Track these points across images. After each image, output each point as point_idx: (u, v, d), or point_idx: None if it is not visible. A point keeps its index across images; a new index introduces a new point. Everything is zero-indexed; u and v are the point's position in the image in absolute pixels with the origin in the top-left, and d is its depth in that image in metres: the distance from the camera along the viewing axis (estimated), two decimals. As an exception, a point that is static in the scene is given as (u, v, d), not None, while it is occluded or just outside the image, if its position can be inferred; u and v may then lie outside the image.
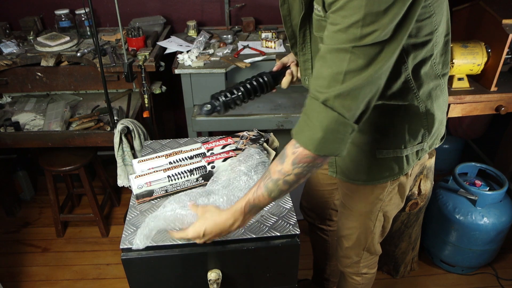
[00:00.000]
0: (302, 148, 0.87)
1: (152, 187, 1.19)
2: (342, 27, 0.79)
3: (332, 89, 0.82)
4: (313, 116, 0.85)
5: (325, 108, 0.83)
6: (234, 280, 1.16)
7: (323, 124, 0.84)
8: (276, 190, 0.93)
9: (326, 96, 0.83)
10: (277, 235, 1.09)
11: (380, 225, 1.36)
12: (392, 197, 1.28)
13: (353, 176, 1.23)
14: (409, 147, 1.14)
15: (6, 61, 2.10)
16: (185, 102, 2.17)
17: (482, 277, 2.18)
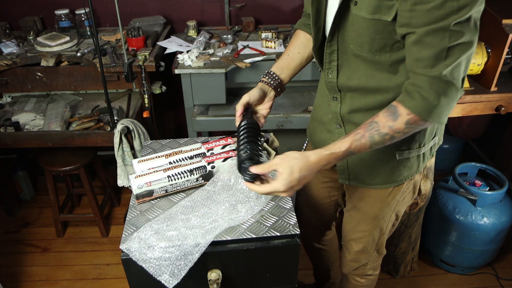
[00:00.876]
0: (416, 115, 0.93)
1: (152, 187, 1.19)
2: (436, 4, 0.81)
3: (437, 67, 0.88)
4: (427, 88, 0.90)
5: (438, 81, 0.89)
6: (234, 280, 1.16)
7: (439, 94, 0.90)
8: (379, 143, 0.97)
9: (434, 74, 0.88)
10: (277, 235, 1.09)
11: (391, 224, 1.37)
12: (406, 196, 1.28)
13: (369, 181, 1.22)
14: (427, 144, 1.16)
15: (6, 61, 2.10)
16: (185, 102, 2.17)
17: (482, 277, 2.18)
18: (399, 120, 0.94)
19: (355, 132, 0.98)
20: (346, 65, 1.07)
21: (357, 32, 0.98)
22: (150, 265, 1.03)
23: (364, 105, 1.10)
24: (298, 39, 1.29)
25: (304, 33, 1.28)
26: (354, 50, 1.02)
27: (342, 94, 1.14)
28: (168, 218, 1.12)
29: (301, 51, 1.27)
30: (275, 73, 1.24)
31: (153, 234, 1.07)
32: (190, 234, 1.06)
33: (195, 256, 1.04)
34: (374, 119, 0.97)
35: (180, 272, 1.03)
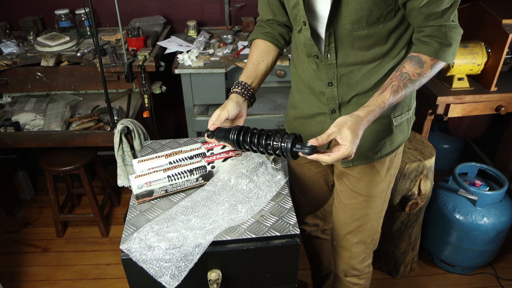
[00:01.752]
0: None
1: (152, 187, 1.19)
2: None
3: (445, 16, 1.01)
4: (441, 35, 1.03)
5: (448, 27, 1.03)
6: (234, 280, 1.16)
7: (451, 37, 1.04)
8: (410, 90, 1.05)
9: (444, 22, 1.02)
10: (277, 235, 1.09)
11: (386, 206, 1.40)
12: (397, 166, 1.35)
13: (373, 155, 1.25)
14: (412, 106, 1.27)
15: (6, 61, 2.10)
16: (185, 102, 2.17)
17: (482, 277, 2.18)
18: (425, 66, 1.04)
19: (390, 85, 1.04)
20: (341, 44, 1.12)
21: (355, 9, 1.03)
22: (150, 266, 1.03)
23: (360, 80, 1.15)
24: (259, 47, 1.28)
25: (264, 42, 1.29)
26: (349, 28, 1.07)
27: (338, 77, 1.16)
28: (168, 219, 1.12)
29: (265, 59, 1.27)
30: (247, 82, 1.22)
31: (154, 235, 1.07)
32: (190, 235, 1.06)
33: (196, 258, 1.04)
34: (402, 70, 1.05)
35: (181, 274, 1.03)
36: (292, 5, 1.14)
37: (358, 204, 1.35)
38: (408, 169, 1.78)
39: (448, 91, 1.99)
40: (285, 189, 1.24)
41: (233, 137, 1.11)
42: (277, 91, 2.39)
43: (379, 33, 1.08)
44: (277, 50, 1.31)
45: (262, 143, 1.07)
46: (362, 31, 1.07)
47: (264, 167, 1.26)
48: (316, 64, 1.19)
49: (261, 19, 1.33)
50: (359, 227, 1.38)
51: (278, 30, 1.31)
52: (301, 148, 1.00)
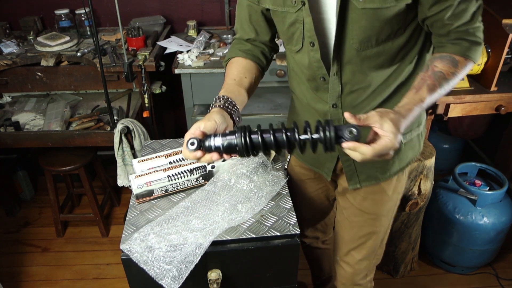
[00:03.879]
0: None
1: (152, 187, 1.19)
2: None
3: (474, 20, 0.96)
4: (471, 37, 0.98)
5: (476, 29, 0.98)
6: (234, 280, 1.16)
7: (479, 38, 0.99)
8: (445, 90, 0.98)
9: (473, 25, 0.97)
10: (277, 235, 1.09)
11: (392, 221, 1.34)
12: (404, 183, 1.28)
13: (381, 175, 1.19)
14: (423, 122, 1.20)
15: (6, 61, 2.10)
16: (185, 102, 2.17)
17: (482, 277, 2.18)
18: (459, 66, 0.98)
19: (424, 83, 0.95)
20: (348, 64, 1.03)
21: (365, 27, 0.95)
22: (151, 268, 1.03)
23: (366, 100, 1.08)
24: (239, 64, 1.13)
25: (244, 59, 1.15)
26: (357, 48, 0.99)
27: (342, 98, 1.09)
28: (169, 220, 1.12)
29: (248, 76, 1.11)
30: (230, 97, 1.01)
31: (154, 236, 1.07)
32: (191, 236, 1.06)
33: (197, 259, 1.04)
34: (433, 69, 0.97)
35: (181, 276, 1.03)
36: (289, 23, 1.04)
37: (363, 222, 1.29)
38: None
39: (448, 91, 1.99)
40: (285, 189, 1.24)
41: (241, 141, 0.86)
42: (277, 91, 2.39)
43: (388, 51, 1.01)
44: (260, 70, 1.17)
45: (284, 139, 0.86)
46: (370, 50, 0.99)
47: (264, 167, 1.26)
48: (318, 87, 1.10)
49: (240, 37, 1.19)
50: (363, 243, 1.33)
51: (260, 48, 1.18)
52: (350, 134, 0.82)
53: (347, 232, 1.35)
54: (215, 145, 0.88)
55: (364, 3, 0.92)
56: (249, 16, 1.13)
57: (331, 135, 0.82)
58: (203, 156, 0.89)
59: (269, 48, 1.20)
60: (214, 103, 1.00)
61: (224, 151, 0.89)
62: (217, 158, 0.89)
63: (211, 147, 0.88)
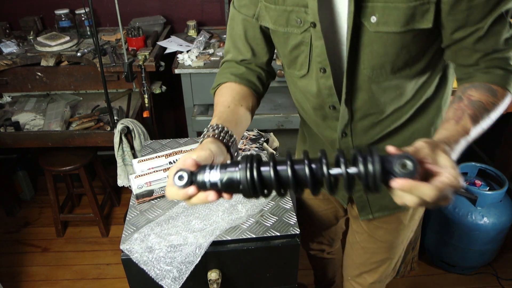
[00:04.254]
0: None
1: (152, 187, 1.19)
2: None
3: (507, 46, 0.81)
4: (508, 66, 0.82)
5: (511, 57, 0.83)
6: (234, 280, 1.16)
7: None
8: (486, 124, 0.80)
9: (508, 53, 0.82)
10: (277, 235, 1.09)
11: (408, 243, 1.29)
12: (423, 209, 1.21)
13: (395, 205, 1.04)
14: None
15: (6, 61, 2.10)
16: (185, 102, 2.17)
17: (482, 277, 2.18)
18: (498, 97, 0.81)
19: (463, 113, 0.78)
20: (359, 92, 0.91)
21: (378, 53, 0.83)
22: (151, 269, 1.03)
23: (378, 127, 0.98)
24: (233, 90, 0.95)
25: (238, 85, 0.97)
26: (368, 75, 0.87)
27: (352, 126, 0.98)
28: (169, 220, 1.12)
29: (243, 103, 0.93)
30: (225, 126, 0.81)
31: (154, 236, 1.07)
32: (191, 237, 1.06)
33: (197, 260, 1.04)
34: (470, 98, 0.80)
35: (182, 277, 1.03)
36: (293, 45, 0.90)
37: (377, 249, 1.22)
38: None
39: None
40: (285, 189, 1.24)
41: (245, 175, 0.62)
42: (277, 91, 2.39)
43: (404, 78, 0.89)
44: (256, 98, 1.00)
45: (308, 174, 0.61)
46: (384, 77, 0.87)
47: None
48: (326, 115, 0.98)
49: (232, 59, 1.00)
50: (376, 268, 1.27)
51: (256, 72, 1.00)
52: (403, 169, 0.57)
53: (359, 256, 1.28)
54: (210, 180, 0.64)
55: (376, 25, 0.80)
56: (244, 33, 0.97)
57: (375, 170, 0.57)
58: (196, 194, 0.65)
59: (265, 72, 1.03)
60: (206, 133, 0.80)
61: (224, 189, 0.64)
62: (214, 199, 0.65)
63: (205, 183, 0.64)
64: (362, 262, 1.28)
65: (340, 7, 0.83)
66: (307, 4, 0.82)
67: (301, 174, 0.62)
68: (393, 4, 0.77)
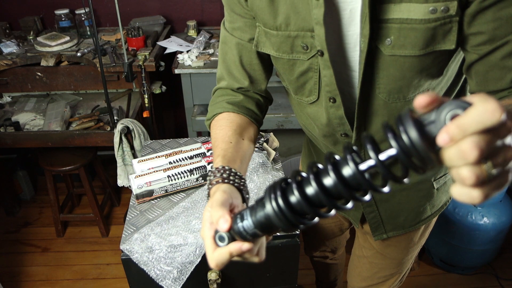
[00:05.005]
0: None
1: (152, 187, 1.19)
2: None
3: None
4: None
5: None
6: (234, 280, 1.16)
7: None
8: None
9: None
10: (277, 235, 1.09)
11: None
12: (433, 225, 1.17)
13: (410, 223, 1.06)
14: None
15: (6, 61, 2.10)
16: (185, 102, 2.17)
17: (482, 277, 2.18)
18: None
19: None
20: (374, 117, 0.84)
21: (394, 76, 0.76)
22: (151, 269, 1.03)
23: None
24: (233, 121, 0.87)
25: (236, 115, 0.89)
26: (385, 99, 0.80)
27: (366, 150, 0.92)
28: (169, 220, 1.12)
29: (245, 136, 0.86)
30: (231, 167, 0.75)
31: (154, 236, 1.07)
32: (191, 237, 1.06)
33: (197, 260, 1.04)
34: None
35: (182, 277, 1.03)
36: (300, 72, 0.82)
37: (385, 265, 1.19)
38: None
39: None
40: (285, 189, 1.24)
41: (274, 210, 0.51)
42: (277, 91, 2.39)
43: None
44: (256, 126, 0.92)
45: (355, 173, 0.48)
46: (401, 101, 0.80)
47: (264, 167, 1.26)
48: (337, 141, 0.91)
49: (227, 87, 0.92)
50: (384, 281, 1.25)
51: (254, 99, 0.92)
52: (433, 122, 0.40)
53: (366, 270, 1.25)
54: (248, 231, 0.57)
55: (392, 48, 0.72)
56: (239, 59, 0.88)
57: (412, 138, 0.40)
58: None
59: (264, 98, 0.95)
60: (213, 178, 0.73)
61: (264, 232, 0.56)
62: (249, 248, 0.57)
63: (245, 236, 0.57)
64: (369, 276, 1.25)
65: (349, 30, 0.75)
66: (312, 28, 0.74)
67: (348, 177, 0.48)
68: (410, 25, 0.68)
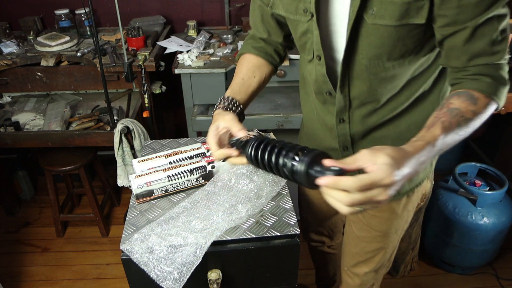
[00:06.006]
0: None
1: (152, 187, 1.19)
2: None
3: (496, 54, 0.84)
4: (495, 74, 0.85)
5: (500, 65, 0.86)
6: (234, 280, 1.16)
7: (505, 77, 0.86)
8: (464, 131, 0.86)
9: (496, 60, 0.84)
10: (277, 235, 1.09)
11: (403, 235, 1.31)
12: (417, 200, 1.24)
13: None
14: None
15: (6, 61, 2.10)
16: (185, 102, 2.17)
17: (482, 277, 2.18)
18: (479, 104, 0.85)
19: (438, 120, 0.82)
20: (357, 80, 0.98)
21: (375, 44, 0.89)
22: (152, 270, 1.03)
23: (375, 116, 1.04)
24: (250, 62, 1.14)
25: (255, 57, 1.15)
26: (366, 64, 0.93)
27: (350, 113, 1.04)
28: (169, 220, 1.12)
29: (257, 74, 1.12)
30: (234, 97, 1.05)
31: (155, 237, 1.07)
32: (191, 237, 1.06)
33: (197, 261, 1.04)
34: (449, 106, 0.84)
35: (182, 278, 1.03)
36: (301, 32, 0.99)
37: (372, 239, 1.26)
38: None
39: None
40: (285, 189, 1.24)
41: (250, 151, 0.85)
42: (277, 91, 2.39)
43: (400, 70, 0.94)
44: (271, 67, 1.17)
45: (274, 161, 0.79)
46: (381, 68, 0.93)
47: (264, 167, 1.26)
48: (326, 100, 1.06)
49: (254, 34, 1.18)
50: (371, 258, 1.31)
51: (273, 46, 1.17)
52: (320, 172, 0.69)
53: (355, 246, 1.32)
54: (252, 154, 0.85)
55: (374, 18, 0.85)
56: (261, 17, 1.11)
57: (300, 168, 0.72)
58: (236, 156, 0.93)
59: (283, 46, 1.18)
60: (218, 104, 1.04)
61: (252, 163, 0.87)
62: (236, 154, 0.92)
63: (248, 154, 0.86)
64: (358, 252, 1.32)
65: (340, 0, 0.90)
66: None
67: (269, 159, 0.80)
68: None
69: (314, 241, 1.63)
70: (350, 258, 1.36)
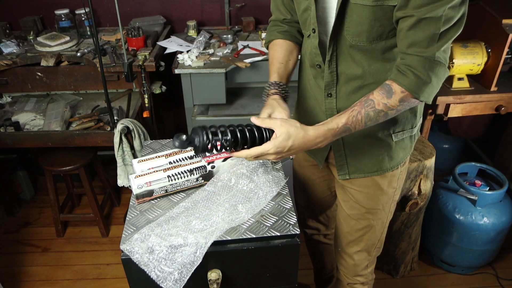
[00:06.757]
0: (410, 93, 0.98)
1: (152, 187, 1.19)
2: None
3: (430, 48, 0.93)
4: (420, 68, 0.95)
5: (430, 61, 0.94)
6: (234, 280, 1.16)
7: (431, 74, 0.95)
8: (374, 119, 1.01)
9: (428, 55, 0.94)
10: (277, 235, 1.09)
11: (391, 216, 1.37)
12: (402, 179, 1.31)
13: (370, 168, 1.23)
14: (417, 125, 1.22)
15: (6, 61, 2.10)
16: (185, 102, 2.17)
17: (482, 277, 2.18)
18: (393, 98, 0.98)
19: (351, 109, 1.01)
20: (343, 56, 1.09)
21: (356, 21, 1.00)
22: (152, 270, 1.03)
23: (360, 93, 1.11)
24: (283, 46, 1.25)
25: (284, 41, 1.25)
26: (350, 41, 1.04)
27: (337, 88, 1.14)
28: (169, 220, 1.12)
29: (291, 58, 1.25)
30: (282, 82, 1.19)
31: (155, 237, 1.07)
32: (191, 237, 1.06)
33: (198, 261, 1.04)
34: (369, 96, 1.00)
35: (182, 279, 1.03)
36: (303, 9, 1.12)
37: (361, 215, 1.33)
38: (408, 169, 1.78)
39: (448, 91, 1.99)
40: (285, 189, 1.24)
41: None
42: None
43: (381, 48, 1.04)
44: (298, 47, 1.28)
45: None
46: (362, 45, 1.04)
47: (264, 167, 1.26)
48: (317, 74, 1.17)
49: (276, 18, 1.28)
50: (362, 236, 1.37)
51: (296, 27, 1.27)
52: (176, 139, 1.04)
53: (345, 224, 1.39)
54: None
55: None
56: (282, 0, 1.23)
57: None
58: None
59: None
60: (271, 89, 1.16)
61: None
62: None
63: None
64: (348, 231, 1.39)
65: None
66: None
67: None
68: None
69: (310, 228, 1.66)
70: (343, 237, 1.43)
